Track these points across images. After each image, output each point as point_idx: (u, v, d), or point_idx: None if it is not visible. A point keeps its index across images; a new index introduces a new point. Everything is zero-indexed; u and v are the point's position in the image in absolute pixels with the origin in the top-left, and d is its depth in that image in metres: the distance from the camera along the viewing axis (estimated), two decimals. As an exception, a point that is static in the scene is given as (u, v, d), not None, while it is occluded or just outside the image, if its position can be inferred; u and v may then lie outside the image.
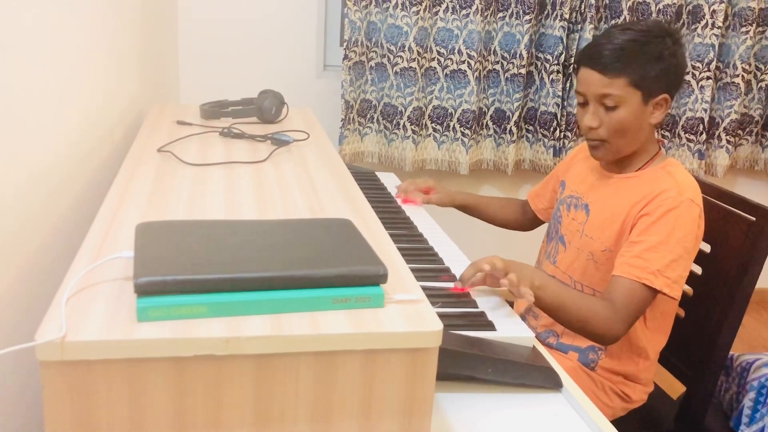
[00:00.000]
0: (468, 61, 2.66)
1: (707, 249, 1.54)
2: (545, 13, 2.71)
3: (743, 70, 2.83)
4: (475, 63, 2.66)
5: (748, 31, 2.79)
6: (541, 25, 2.73)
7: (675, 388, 1.66)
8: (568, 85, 2.75)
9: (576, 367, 1.46)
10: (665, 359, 1.57)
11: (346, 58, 2.59)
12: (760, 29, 2.86)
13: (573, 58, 2.72)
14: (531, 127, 2.84)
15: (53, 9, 1.15)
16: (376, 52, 2.65)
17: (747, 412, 1.58)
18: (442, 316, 0.79)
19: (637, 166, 1.45)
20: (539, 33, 2.74)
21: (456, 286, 1.26)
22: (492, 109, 2.80)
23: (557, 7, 2.65)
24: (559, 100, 2.73)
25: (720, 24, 2.75)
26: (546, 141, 2.80)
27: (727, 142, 2.93)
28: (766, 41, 2.87)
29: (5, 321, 0.95)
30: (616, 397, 1.48)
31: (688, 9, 2.78)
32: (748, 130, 2.99)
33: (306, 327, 0.71)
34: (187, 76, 2.67)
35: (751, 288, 1.46)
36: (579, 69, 1.43)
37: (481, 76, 2.71)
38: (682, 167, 1.43)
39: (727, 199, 1.54)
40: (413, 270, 0.89)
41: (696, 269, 1.51)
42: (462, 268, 1.28)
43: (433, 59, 2.69)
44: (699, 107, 2.85)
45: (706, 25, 2.77)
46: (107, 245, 0.87)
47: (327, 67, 2.78)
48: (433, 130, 2.76)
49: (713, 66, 2.79)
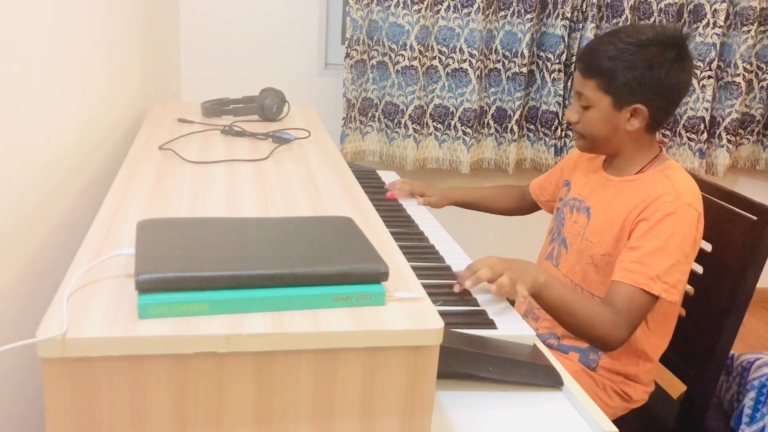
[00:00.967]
0: (469, 60, 2.66)
1: (708, 248, 1.54)
2: (547, 11, 2.70)
3: (744, 69, 2.83)
4: (477, 62, 2.66)
5: (749, 31, 2.78)
6: (542, 24, 2.72)
7: (676, 388, 1.66)
8: (569, 84, 2.74)
9: (577, 370, 1.46)
10: (666, 358, 1.57)
11: (347, 56, 2.59)
12: (762, 28, 2.85)
13: (574, 57, 2.72)
14: (532, 126, 2.84)
15: (54, 7, 1.15)
16: (377, 51, 2.65)
17: (747, 411, 1.58)
18: (443, 314, 0.79)
19: (636, 169, 1.45)
20: (541, 32, 2.73)
21: (456, 287, 1.26)
22: (493, 107, 2.79)
23: (559, 6, 2.65)
24: (561, 99, 2.72)
25: (721, 23, 2.75)
26: (547, 140, 2.80)
27: (728, 141, 2.93)
28: (767, 41, 2.87)
29: (6, 318, 0.95)
30: (616, 396, 1.48)
31: (689, 8, 2.77)
32: (749, 129, 2.99)
33: (307, 324, 0.71)
34: (188, 74, 2.66)
35: (751, 287, 1.45)
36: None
37: (483, 75, 2.71)
38: (681, 170, 1.43)
39: (729, 199, 1.53)
40: (414, 268, 0.89)
41: (697, 269, 1.50)
42: (463, 266, 1.28)
43: (434, 58, 2.68)
44: (700, 106, 2.85)
45: (708, 24, 2.76)
46: (108, 242, 0.87)
47: (328, 66, 2.78)
48: (435, 128, 2.76)
49: (714, 65, 2.79)
